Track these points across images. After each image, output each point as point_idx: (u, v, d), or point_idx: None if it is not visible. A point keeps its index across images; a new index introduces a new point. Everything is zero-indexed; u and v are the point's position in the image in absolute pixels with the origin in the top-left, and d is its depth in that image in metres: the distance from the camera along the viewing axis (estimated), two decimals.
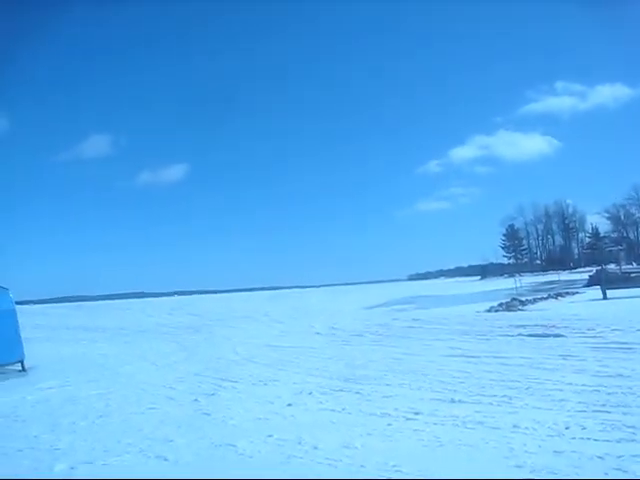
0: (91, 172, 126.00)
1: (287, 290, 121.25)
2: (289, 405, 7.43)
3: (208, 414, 7.25)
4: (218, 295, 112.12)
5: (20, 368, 12.73)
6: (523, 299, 25.28)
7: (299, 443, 5.57)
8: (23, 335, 13.44)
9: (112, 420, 7.28)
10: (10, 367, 12.74)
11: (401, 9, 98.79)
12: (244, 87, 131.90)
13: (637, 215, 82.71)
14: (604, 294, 23.43)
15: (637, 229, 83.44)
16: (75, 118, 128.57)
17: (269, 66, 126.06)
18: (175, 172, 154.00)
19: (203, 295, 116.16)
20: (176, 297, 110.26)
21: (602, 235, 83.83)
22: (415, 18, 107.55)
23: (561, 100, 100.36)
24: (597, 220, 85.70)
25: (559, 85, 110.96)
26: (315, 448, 5.36)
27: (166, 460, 5.33)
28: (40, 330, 27.21)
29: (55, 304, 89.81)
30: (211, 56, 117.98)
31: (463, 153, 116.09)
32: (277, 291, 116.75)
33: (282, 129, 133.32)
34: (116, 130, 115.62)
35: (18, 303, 14.21)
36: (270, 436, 5.90)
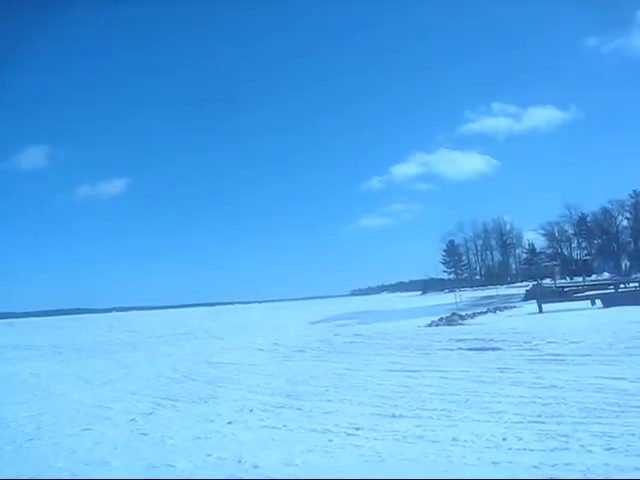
0: (27, 185, 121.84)
1: (228, 306, 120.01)
2: (229, 423, 7.29)
3: (146, 434, 7.04)
4: (158, 311, 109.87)
5: None
6: (463, 313, 25.76)
7: (239, 462, 5.47)
8: None
9: (43, 443, 6.97)
10: None
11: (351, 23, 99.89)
12: (191, 97, 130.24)
13: (570, 232, 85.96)
14: (540, 308, 24.18)
15: (570, 245, 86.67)
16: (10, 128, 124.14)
17: (212, 79, 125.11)
18: (115, 186, 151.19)
19: (143, 311, 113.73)
20: (115, 313, 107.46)
21: (538, 251, 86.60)
22: (363, 34, 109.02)
23: (497, 121, 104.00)
24: (533, 236, 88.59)
25: (495, 106, 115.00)
26: (255, 467, 5.27)
27: None
28: None
29: None
30: (161, 61, 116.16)
31: (404, 170, 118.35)
32: (218, 307, 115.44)
33: (227, 143, 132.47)
34: (54, 141, 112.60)
35: None
36: (210, 455, 5.79)
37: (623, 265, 69.59)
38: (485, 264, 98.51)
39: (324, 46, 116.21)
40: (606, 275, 57.50)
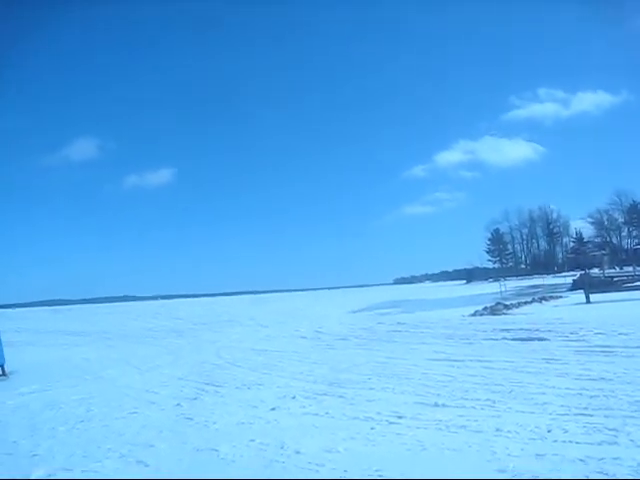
0: (78, 175, 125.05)
1: (272, 294, 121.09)
2: (272, 409, 7.38)
3: (191, 418, 7.18)
4: (202, 299, 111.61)
5: (0, 373, 12.56)
6: (507, 303, 25.38)
7: (282, 447, 5.53)
8: (3, 339, 13.29)
9: (93, 425, 7.19)
10: None
11: (385, 13, 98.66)
12: (237, 93, 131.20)
13: (620, 220, 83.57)
14: (587, 298, 23.60)
15: (620, 234, 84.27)
16: (62, 121, 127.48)
17: (260, 71, 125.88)
18: (163, 176, 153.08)
19: (187, 299, 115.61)
20: (160, 301, 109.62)
21: (586, 240, 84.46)
22: (400, 22, 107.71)
23: (544, 107, 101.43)
24: (581, 225, 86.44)
25: (542, 92, 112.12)
26: (297, 452, 5.32)
27: (147, 466, 5.26)
28: (21, 334, 26.99)
29: (37, 307, 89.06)
30: (203, 59, 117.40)
31: (448, 158, 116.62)
32: (262, 295, 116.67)
33: (272, 134, 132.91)
34: (104, 133, 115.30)
35: None
36: (252, 440, 5.86)
37: None
38: (531, 253, 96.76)
39: (365, 32, 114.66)
40: None
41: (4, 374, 12.52)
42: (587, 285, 25.74)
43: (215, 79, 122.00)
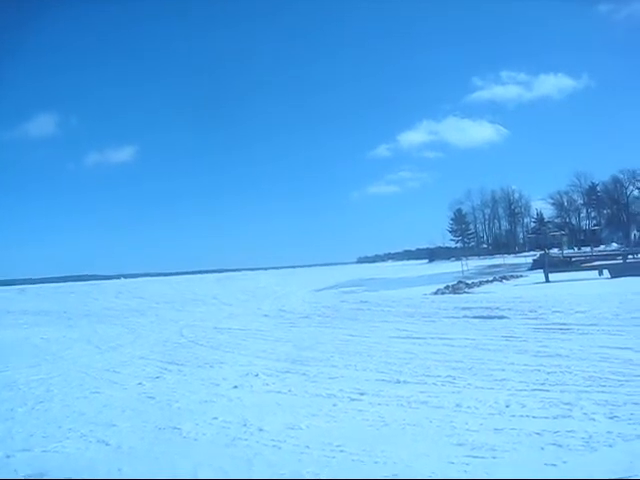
0: (37, 153, 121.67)
1: (236, 272, 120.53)
2: (235, 387, 7.38)
3: (153, 397, 7.13)
4: (165, 278, 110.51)
5: None
6: (469, 282, 25.77)
7: (244, 425, 5.54)
8: None
9: (53, 405, 7.07)
10: None
11: None
12: (202, 68, 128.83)
13: (579, 201, 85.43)
14: (547, 277, 24.15)
15: (579, 215, 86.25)
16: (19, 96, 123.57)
17: (227, 48, 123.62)
18: (125, 153, 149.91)
19: (150, 278, 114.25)
20: (122, 280, 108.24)
21: (546, 220, 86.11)
22: (366, 4, 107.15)
23: (507, 89, 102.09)
24: (541, 206, 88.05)
25: (504, 74, 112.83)
26: (260, 430, 5.34)
27: (108, 445, 5.22)
28: None
29: None
30: (165, 31, 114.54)
31: (412, 138, 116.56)
32: (225, 273, 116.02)
33: (237, 113, 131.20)
34: (64, 109, 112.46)
35: None
36: (215, 418, 5.86)
37: (632, 236, 69.15)
38: (492, 233, 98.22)
39: (330, 19, 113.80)
40: (615, 246, 57.19)
41: None
42: (546, 265, 26.28)
43: (178, 53, 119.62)
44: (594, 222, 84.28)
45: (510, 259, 58.56)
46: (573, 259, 35.19)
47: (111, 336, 14.36)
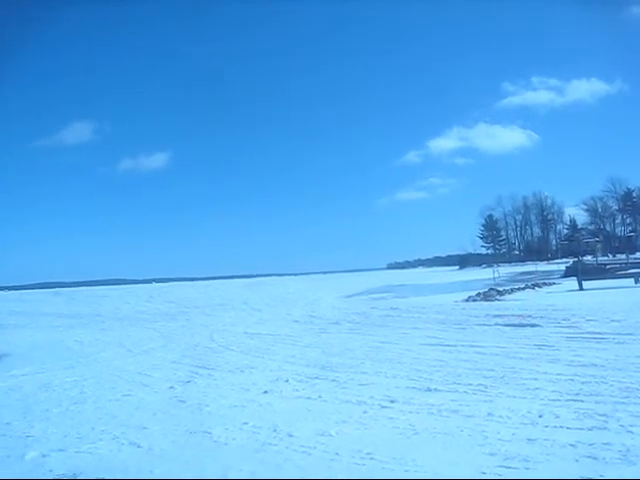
0: (72, 158, 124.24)
1: (266, 278, 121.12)
2: (265, 392, 7.40)
3: (183, 401, 7.19)
4: (196, 283, 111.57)
5: None
6: (501, 289, 25.47)
7: (274, 430, 5.54)
8: None
9: (86, 407, 7.19)
10: None
11: (382, 1, 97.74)
12: (231, 77, 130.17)
13: (614, 207, 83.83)
14: (580, 285, 23.72)
15: (614, 221, 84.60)
16: (57, 104, 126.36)
17: (257, 56, 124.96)
18: (158, 159, 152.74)
19: (181, 282, 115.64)
20: (154, 284, 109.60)
21: (579, 227, 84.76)
22: (396, 11, 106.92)
23: (538, 94, 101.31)
24: (575, 212, 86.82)
25: (535, 80, 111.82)
26: (290, 436, 5.34)
27: (139, 447, 5.28)
28: (15, 317, 26.99)
29: (32, 290, 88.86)
30: (199, 43, 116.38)
31: (442, 144, 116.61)
32: (256, 279, 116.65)
33: (265, 119, 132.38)
34: (99, 116, 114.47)
35: None
36: (245, 423, 5.88)
37: None
38: (524, 239, 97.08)
39: (360, 21, 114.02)
40: None
41: None
42: (580, 272, 25.88)
43: (210, 65, 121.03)
44: (629, 229, 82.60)
45: (542, 266, 57.79)
46: (607, 266, 34.60)
47: (143, 339, 14.55)
